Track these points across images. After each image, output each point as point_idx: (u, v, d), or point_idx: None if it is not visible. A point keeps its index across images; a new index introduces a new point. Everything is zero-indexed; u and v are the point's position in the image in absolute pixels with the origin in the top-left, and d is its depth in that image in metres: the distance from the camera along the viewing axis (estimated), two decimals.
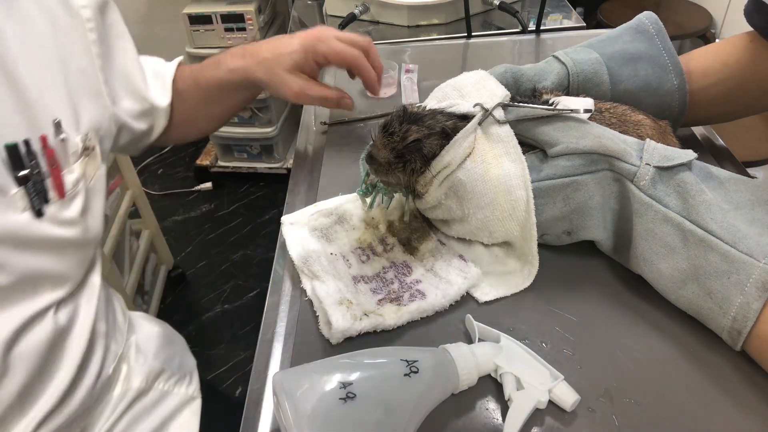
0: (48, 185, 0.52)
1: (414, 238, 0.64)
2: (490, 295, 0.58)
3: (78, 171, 0.56)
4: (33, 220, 0.51)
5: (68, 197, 0.54)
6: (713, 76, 0.70)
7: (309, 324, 0.58)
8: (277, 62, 0.70)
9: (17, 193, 0.49)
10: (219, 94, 0.77)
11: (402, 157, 0.57)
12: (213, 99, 0.78)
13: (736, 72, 0.69)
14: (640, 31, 0.71)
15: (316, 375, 0.44)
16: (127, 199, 1.70)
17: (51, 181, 0.52)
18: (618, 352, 0.53)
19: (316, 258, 0.61)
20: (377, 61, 0.74)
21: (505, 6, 1.19)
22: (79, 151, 0.55)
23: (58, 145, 0.53)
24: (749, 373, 0.50)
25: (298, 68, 0.70)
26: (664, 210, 0.53)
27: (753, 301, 0.48)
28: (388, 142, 0.57)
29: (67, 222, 0.54)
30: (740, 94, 0.70)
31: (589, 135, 0.57)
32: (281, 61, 0.70)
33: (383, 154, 0.57)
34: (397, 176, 0.58)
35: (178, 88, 0.77)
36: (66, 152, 0.54)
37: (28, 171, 0.49)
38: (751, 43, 0.68)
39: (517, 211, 0.56)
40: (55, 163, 0.52)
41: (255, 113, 2.21)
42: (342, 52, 0.70)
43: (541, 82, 0.70)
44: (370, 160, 0.58)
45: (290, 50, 0.69)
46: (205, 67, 0.76)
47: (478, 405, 0.50)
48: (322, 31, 0.71)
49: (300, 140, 0.88)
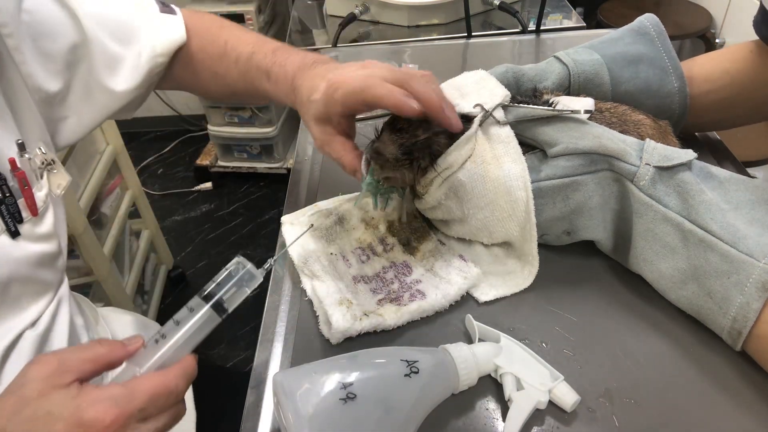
0: (21, 205, 0.53)
1: (414, 238, 0.64)
2: (490, 295, 0.58)
3: (46, 186, 0.57)
4: (10, 241, 0.52)
5: (41, 213, 0.55)
6: (715, 82, 0.70)
7: (309, 324, 0.58)
8: (306, 108, 0.59)
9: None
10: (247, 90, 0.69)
11: (410, 153, 0.56)
12: (239, 90, 0.70)
13: (738, 79, 0.70)
14: (641, 33, 0.71)
15: (316, 375, 0.44)
16: (127, 199, 1.70)
17: (23, 201, 0.53)
18: (618, 352, 0.53)
19: (316, 258, 0.61)
20: (424, 88, 0.54)
21: (505, 6, 1.19)
22: (40, 165, 0.56)
23: (26, 165, 0.54)
24: (749, 373, 0.50)
25: (322, 119, 0.58)
26: (664, 210, 0.53)
27: (753, 301, 0.48)
28: (396, 139, 0.56)
29: (43, 237, 0.56)
30: (741, 102, 0.71)
31: (589, 135, 0.57)
32: (309, 107, 0.58)
33: (391, 150, 0.56)
34: (403, 173, 0.57)
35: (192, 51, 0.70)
36: (34, 170, 0.55)
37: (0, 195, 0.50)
38: (751, 53, 0.69)
39: (516, 211, 0.56)
40: (27, 182, 0.53)
41: (255, 113, 2.21)
42: (382, 86, 0.53)
43: (541, 82, 0.70)
44: (376, 156, 0.56)
45: (314, 97, 0.57)
46: (251, 67, 0.67)
47: (478, 405, 0.50)
48: (355, 77, 0.55)
49: (300, 140, 0.88)
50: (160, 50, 0.67)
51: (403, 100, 0.51)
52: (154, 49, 0.66)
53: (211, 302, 0.43)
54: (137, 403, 0.38)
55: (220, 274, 0.45)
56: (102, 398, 0.38)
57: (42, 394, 0.38)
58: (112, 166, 1.62)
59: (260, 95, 0.68)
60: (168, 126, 2.80)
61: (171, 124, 2.78)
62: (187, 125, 2.76)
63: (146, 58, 0.66)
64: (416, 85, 0.52)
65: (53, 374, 0.39)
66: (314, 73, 0.60)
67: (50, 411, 0.37)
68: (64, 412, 0.37)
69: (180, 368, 0.41)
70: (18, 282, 0.54)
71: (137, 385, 0.39)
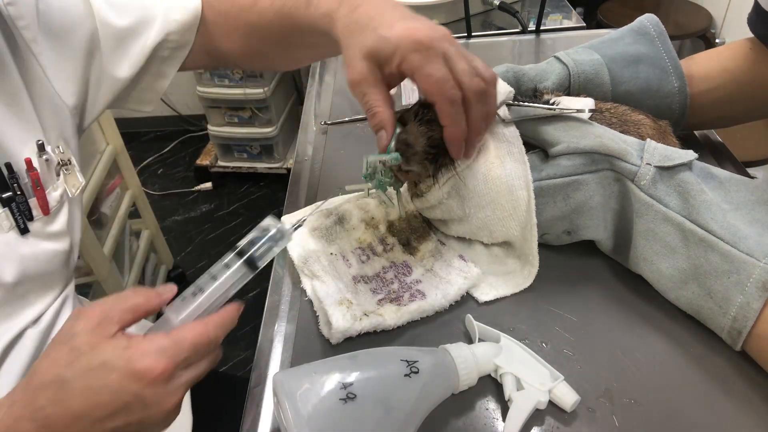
0: (32, 204, 0.54)
1: (414, 238, 0.64)
2: (490, 295, 0.58)
3: (62, 186, 0.58)
4: (19, 238, 0.53)
5: (53, 213, 0.56)
6: (714, 80, 0.70)
7: (309, 324, 0.58)
8: (363, 36, 0.51)
9: (1, 214, 0.52)
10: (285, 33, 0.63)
11: (437, 147, 0.54)
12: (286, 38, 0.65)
13: (736, 77, 0.70)
14: (641, 33, 0.71)
15: (316, 375, 0.44)
16: (127, 199, 1.70)
17: (35, 200, 0.54)
18: (618, 352, 0.53)
19: (316, 258, 0.61)
20: (491, 106, 0.53)
21: (505, 6, 1.19)
22: (57, 164, 0.57)
23: (43, 165, 0.55)
24: (749, 373, 0.50)
25: (378, 58, 0.50)
26: (665, 210, 0.53)
27: (753, 300, 0.48)
28: (425, 131, 0.53)
29: (53, 235, 0.57)
30: (740, 99, 0.71)
31: (590, 135, 0.57)
32: (367, 37, 0.50)
33: (421, 142, 0.53)
34: (426, 166, 0.55)
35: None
36: (51, 170, 0.56)
37: (10, 193, 0.52)
38: (750, 50, 0.69)
39: (517, 211, 0.56)
40: (40, 183, 0.54)
41: (255, 113, 2.21)
42: (434, 83, 0.49)
43: (542, 82, 0.70)
44: (405, 148, 0.53)
45: (383, 32, 0.50)
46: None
47: (478, 405, 0.50)
48: (439, 38, 0.49)
49: (300, 140, 0.88)
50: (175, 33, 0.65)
51: (456, 136, 0.51)
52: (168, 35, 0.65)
53: (245, 258, 0.46)
54: (183, 353, 0.40)
55: (253, 232, 0.47)
56: (152, 350, 0.39)
57: (93, 346, 0.40)
58: (112, 166, 1.62)
59: (295, 35, 0.63)
60: (168, 126, 2.80)
61: (171, 124, 2.79)
62: (187, 125, 2.76)
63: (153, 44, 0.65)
64: (475, 111, 0.51)
65: (99, 326, 0.41)
66: (386, 4, 0.53)
67: (105, 362, 0.39)
68: (118, 362, 0.39)
69: (219, 318, 0.43)
70: (26, 278, 0.54)
71: (182, 335, 0.41)
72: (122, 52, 0.63)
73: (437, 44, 0.49)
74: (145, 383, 0.39)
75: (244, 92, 2.12)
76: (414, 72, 0.49)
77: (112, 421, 0.39)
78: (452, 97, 0.49)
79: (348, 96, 0.98)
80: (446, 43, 0.50)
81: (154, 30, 0.64)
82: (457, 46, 0.51)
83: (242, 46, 0.68)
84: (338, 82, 1.02)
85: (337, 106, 0.95)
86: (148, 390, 0.39)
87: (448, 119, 0.51)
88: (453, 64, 0.49)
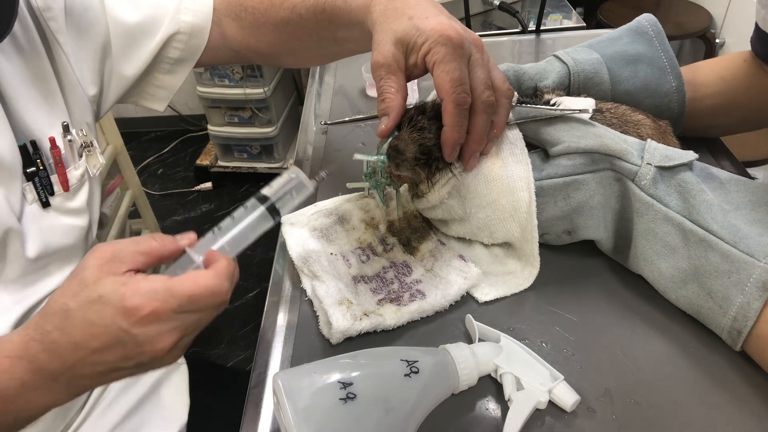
0: (54, 180, 0.58)
1: (414, 238, 0.64)
2: (490, 295, 0.58)
3: (83, 166, 0.62)
4: (41, 210, 0.57)
5: (72, 190, 0.60)
6: (710, 87, 0.74)
7: (309, 324, 0.58)
8: (396, 23, 0.52)
9: (26, 187, 0.56)
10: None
11: (429, 153, 0.55)
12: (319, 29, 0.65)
13: (731, 86, 0.74)
14: (639, 33, 0.71)
15: (317, 375, 0.44)
16: (127, 199, 1.70)
17: (56, 177, 0.58)
18: (618, 352, 0.53)
19: (316, 258, 0.61)
20: (499, 119, 0.55)
21: (505, 6, 1.19)
22: (80, 146, 0.61)
23: (66, 146, 0.59)
24: (749, 373, 0.50)
25: (407, 46, 0.52)
26: (665, 210, 0.53)
27: (753, 300, 0.48)
28: (417, 137, 0.54)
29: (73, 211, 0.60)
30: (734, 108, 0.74)
31: (591, 134, 0.57)
32: (400, 24, 0.52)
33: (411, 149, 0.54)
34: (417, 172, 0.56)
35: None
36: (73, 151, 0.60)
37: (34, 168, 0.56)
38: (745, 62, 0.74)
39: (518, 211, 0.56)
40: (61, 161, 0.58)
41: (255, 113, 2.21)
42: (449, 81, 0.50)
43: (542, 81, 0.70)
44: (395, 154, 0.55)
45: (419, 24, 0.51)
46: None
47: (478, 405, 0.50)
48: (470, 41, 0.52)
49: (300, 140, 0.88)
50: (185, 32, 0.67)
51: (452, 138, 0.52)
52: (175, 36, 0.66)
53: (267, 204, 0.47)
54: (174, 302, 0.41)
55: (275, 180, 0.48)
56: (143, 291, 0.40)
57: (96, 279, 0.41)
58: (112, 166, 1.62)
59: (328, 29, 0.63)
60: (168, 126, 2.80)
61: (171, 124, 2.78)
62: (187, 125, 2.76)
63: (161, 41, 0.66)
64: (479, 120, 0.53)
65: (107, 262, 0.42)
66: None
67: (102, 295, 0.41)
68: (112, 297, 0.40)
69: (222, 269, 0.44)
70: (46, 249, 0.57)
71: (176, 286, 0.41)
72: (130, 51, 0.65)
73: (466, 45, 0.51)
74: (133, 321, 0.40)
75: (244, 92, 2.12)
76: (435, 64, 0.50)
77: (110, 353, 0.41)
78: (460, 100, 0.50)
79: (348, 96, 0.98)
80: (474, 49, 0.52)
81: (162, 30, 0.65)
82: (484, 54, 0.53)
83: (271, 42, 0.69)
84: (338, 82, 1.02)
85: (337, 106, 0.95)
86: (137, 328, 0.40)
87: (449, 120, 0.52)
88: (473, 70, 0.51)
